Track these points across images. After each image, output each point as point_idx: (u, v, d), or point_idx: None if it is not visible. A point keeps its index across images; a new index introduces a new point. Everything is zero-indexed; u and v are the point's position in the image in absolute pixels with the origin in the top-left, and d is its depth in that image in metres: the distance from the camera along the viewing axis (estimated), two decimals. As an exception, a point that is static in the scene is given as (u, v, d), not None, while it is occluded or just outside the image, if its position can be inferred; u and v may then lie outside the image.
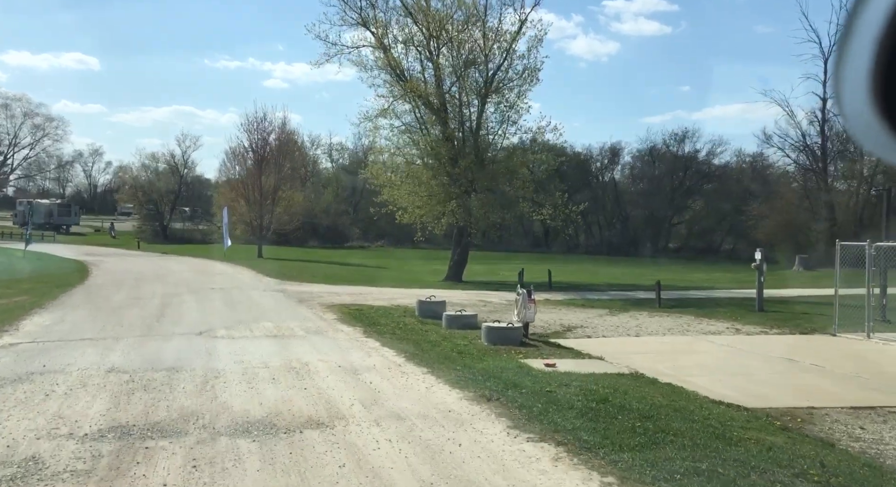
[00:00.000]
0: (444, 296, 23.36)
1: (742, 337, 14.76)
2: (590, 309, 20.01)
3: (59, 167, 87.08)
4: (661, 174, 65.02)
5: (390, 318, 16.23)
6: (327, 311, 17.58)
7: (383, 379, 9.26)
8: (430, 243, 68.51)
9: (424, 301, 17.24)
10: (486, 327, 13.02)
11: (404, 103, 29.85)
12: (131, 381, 8.85)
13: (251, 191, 45.06)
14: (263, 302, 19.85)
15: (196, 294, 21.44)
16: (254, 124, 44.88)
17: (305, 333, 13.60)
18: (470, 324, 14.95)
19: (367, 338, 13.00)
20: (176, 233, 64.59)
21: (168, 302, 18.73)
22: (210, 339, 12.54)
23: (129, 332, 13.11)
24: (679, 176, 63.55)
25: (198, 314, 16.47)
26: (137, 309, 16.89)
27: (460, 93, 29.01)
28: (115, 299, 19.28)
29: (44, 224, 65.11)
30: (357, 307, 18.53)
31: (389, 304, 19.96)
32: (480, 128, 29.51)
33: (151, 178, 67.51)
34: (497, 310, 19.19)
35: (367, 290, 24.56)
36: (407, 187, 29.92)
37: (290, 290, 23.58)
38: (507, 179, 29.55)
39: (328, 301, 20.45)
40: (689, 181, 63.89)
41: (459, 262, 29.53)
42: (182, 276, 28.59)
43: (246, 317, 15.85)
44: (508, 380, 9.22)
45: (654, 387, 9.50)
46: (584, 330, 15.62)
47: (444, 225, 30.20)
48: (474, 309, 19.01)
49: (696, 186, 63.99)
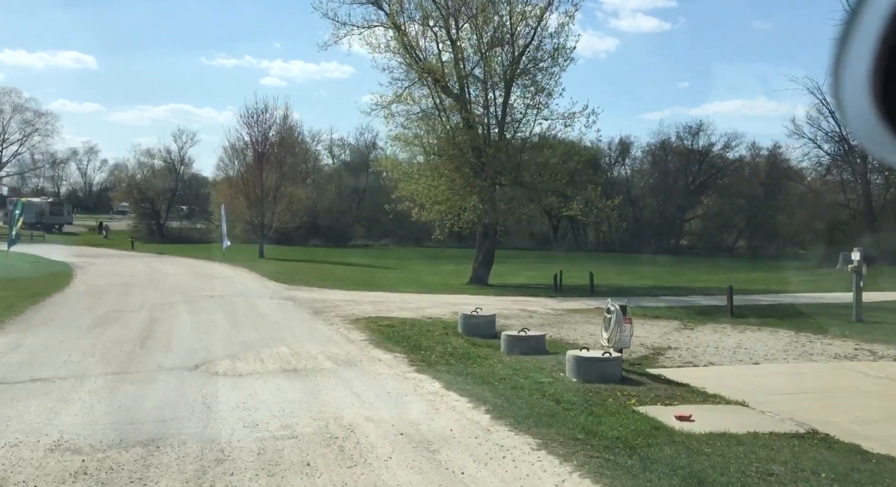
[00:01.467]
0: (477, 304, 20.01)
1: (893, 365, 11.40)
2: (658, 320, 16.61)
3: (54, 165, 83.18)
4: (674, 169, 61.62)
5: (432, 338, 12.81)
6: (352, 327, 14.15)
7: (478, 464, 5.83)
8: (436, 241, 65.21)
9: (470, 315, 13.83)
10: (575, 358, 9.59)
11: (422, 87, 26.41)
12: (83, 473, 5.43)
13: (251, 188, 41.50)
14: (272, 314, 16.40)
15: (192, 303, 17.98)
16: (254, 117, 41.33)
17: (334, 364, 10.16)
18: (538, 348, 11.56)
19: (418, 375, 9.54)
20: (173, 233, 60.94)
21: (158, 317, 15.26)
22: (208, 378, 9.09)
23: (101, 366, 9.65)
24: (693, 170, 60.15)
25: (193, 333, 13.02)
26: (119, 328, 13.41)
27: (486, 76, 25.55)
28: (95, 313, 15.80)
29: (35, 223, 61.41)
30: (385, 321, 15.10)
31: (420, 316, 16.56)
32: (507, 115, 26.06)
33: (147, 176, 63.84)
34: (550, 324, 15.80)
35: (387, 297, 21.13)
36: (425, 181, 26.48)
37: (300, 297, 20.14)
38: (537, 170, 26.13)
39: (348, 311, 17.03)
40: (703, 176, 60.52)
41: (485, 264, 26.09)
42: (177, 281, 25.10)
43: (254, 338, 12.40)
44: (669, 462, 5.83)
45: (879, 464, 6.15)
46: (678, 352, 12.24)
47: (465, 222, 26.77)
48: (519, 321, 15.66)
49: (710, 181, 60.62)
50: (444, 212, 26.44)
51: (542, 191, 26.52)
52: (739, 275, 31.28)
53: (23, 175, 72.87)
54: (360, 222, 63.26)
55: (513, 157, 26.07)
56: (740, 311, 17.84)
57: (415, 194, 26.01)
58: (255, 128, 41.48)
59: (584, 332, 14.56)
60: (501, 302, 20.37)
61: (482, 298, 21.43)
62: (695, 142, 60.84)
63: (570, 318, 17.07)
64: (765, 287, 26.17)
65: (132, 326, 13.66)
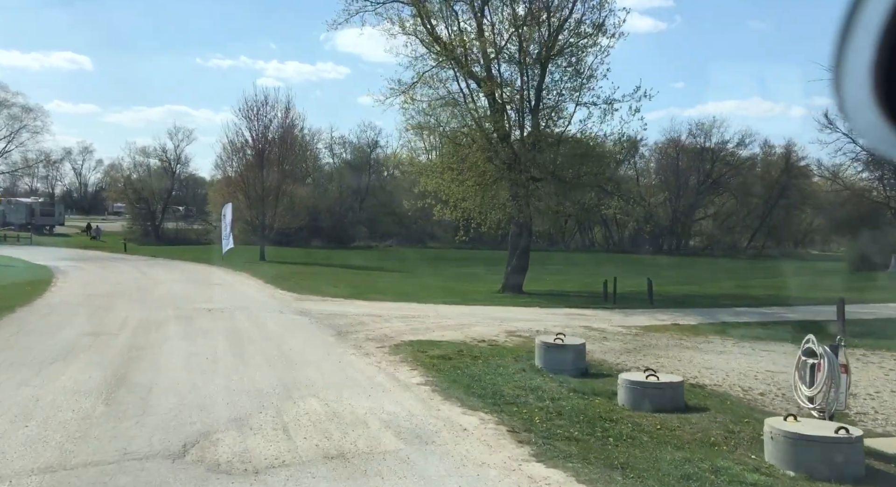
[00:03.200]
0: (522, 317, 16.34)
1: None
2: (769, 345, 12.94)
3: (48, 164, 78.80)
4: (684, 167, 57.99)
5: (512, 381, 9.07)
6: (396, 359, 10.40)
7: None
8: (442, 241, 61.33)
9: (553, 344, 10.11)
10: (786, 436, 5.86)
11: (446, 68, 22.67)
12: None
13: (251, 187, 37.58)
14: (286, 337, 12.62)
15: (186, 321, 14.20)
16: (254, 110, 37.39)
17: (399, 441, 6.38)
18: (675, 403, 7.86)
19: (542, 469, 5.75)
20: (169, 234, 56.86)
21: (141, 344, 11.47)
22: (204, 482, 5.33)
23: (28, 455, 5.86)
24: (705, 168, 56.53)
25: (185, 373, 9.23)
26: (84, 364, 9.62)
27: (521, 56, 21.82)
28: (61, 337, 11.98)
29: (25, 224, 57.29)
30: (433, 348, 11.35)
31: (469, 338, 12.86)
32: (542, 99, 22.31)
33: (142, 175, 59.75)
34: (637, 350, 12.15)
35: (416, 310, 17.40)
36: (450, 174, 22.75)
37: (314, 311, 16.38)
38: (577, 162, 22.46)
39: (378, 332, 13.31)
40: (715, 174, 56.88)
41: (519, 269, 22.31)
42: (170, 290, 21.28)
43: (269, 384, 8.62)
44: None
45: None
46: (869, 404, 8.58)
47: (492, 221, 23.07)
48: (595, 345, 12.09)
49: (723, 180, 57.01)
50: (472, 210, 22.74)
51: (582, 186, 22.85)
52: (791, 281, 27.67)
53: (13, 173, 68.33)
54: (363, 222, 59.38)
55: (549, 148, 22.38)
56: (856, 329, 14.18)
57: (440, 189, 22.24)
58: (256, 122, 37.59)
59: (699, 365, 10.89)
60: (554, 316, 16.66)
61: (528, 311, 17.76)
62: (707, 140, 57.28)
63: (654, 341, 13.38)
64: (830, 294, 22.46)
65: (103, 361, 9.86)
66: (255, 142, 37.74)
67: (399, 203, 62.17)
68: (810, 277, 30.05)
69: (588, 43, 21.59)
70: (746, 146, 57.08)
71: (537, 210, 22.04)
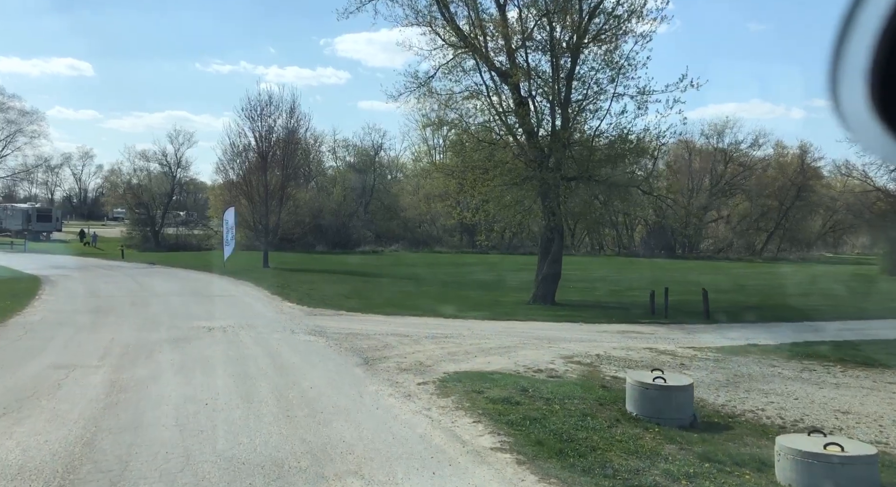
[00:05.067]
0: (570, 337, 13.91)
1: None
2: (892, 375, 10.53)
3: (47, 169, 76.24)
4: (697, 168, 55.63)
5: (610, 439, 6.65)
6: (450, 406, 7.93)
7: None
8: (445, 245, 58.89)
9: (651, 387, 7.67)
10: None
11: (467, 59, 20.29)
12: None
13: (255, 189, 35.04)
14: (304, 369, 10.14)
15: (182, 347, 11.75)
16: (257, 110, 34.85)
17: None
18: (871, 483, 5.46)
19: None
20: (169, 240, 54.30)
21: (123, 382, 9.01)
22: None
23: None
24: (720, 169, 54.16)
25: (176, 436, 6.75)
26: (40, 422, 7.16)
27: (552, 42, 19.42)
28: (26, 372, 9.51)
29: (22, 230, 54.76)
30: (492, 387, 8.89)
31: (523, 368, 10.45)
32: (572, 91, 19.88)
33: (142, 180, 57.19)
34: (733, 383, 9.77)
35: (444, 326, 14.96)
36: (473, 174, 20.37)
37: (331, 330, 13.94)
38: (613, 161, 20.06)
39: (412, 359, 10.90)
40: (729, 175, 54.53)
41: (550, 278, 19.84)
42: (166, 303, 18.82)
43: (290, 450, 6.17)
44: None
45: None
46: None
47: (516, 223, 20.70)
48: (669, 373, 9.59)
49: (737, 181, 54.65)
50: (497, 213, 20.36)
51: (618, 186, 20.44)
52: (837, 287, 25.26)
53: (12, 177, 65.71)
54: (369, 227, 56.86)
55: (583, 144, 19.99)
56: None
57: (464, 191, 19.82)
58: (259, 123, 35.03)
59: (825, 406, 8.49)
60: (606, 335, 14.22)
61: (572, 329, 15.33)
62: (720, 141, 54.95)
63: (744, 368, 10.93)
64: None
65: (70, 413, 7.40)
66: (259, 143, 35.22)
67: (404, 206, 59.99)
68: (860, 283, 27.60)
69: (627, 28, 19.20)
70: (760, 147, 54.84)
71: (571, 212, 19.65)
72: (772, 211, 53.99)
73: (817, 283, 27.04)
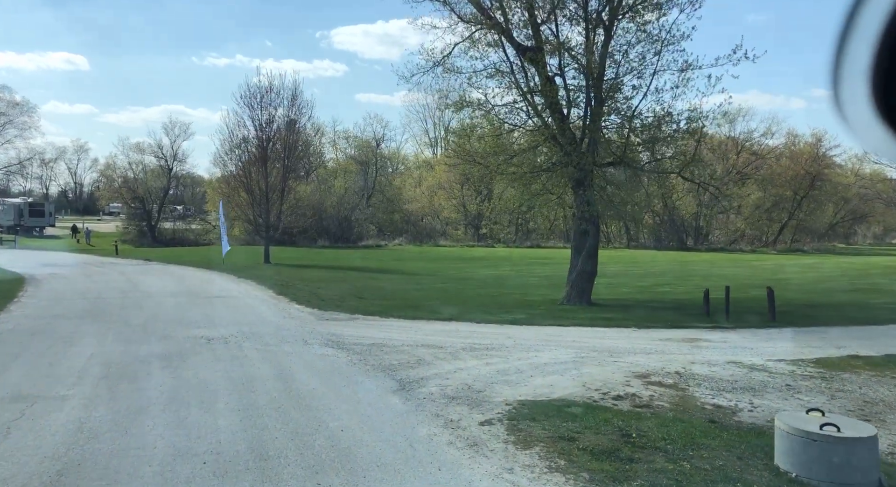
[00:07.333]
0: (630, 347, 11.74)
1: None
2: None
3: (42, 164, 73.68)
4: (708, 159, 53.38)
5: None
6: (538, 463, 5.70)
7: None
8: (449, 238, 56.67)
9: (818, 438, 5.47)
10: None
11: (487, 34, 18.00)
12: None
13: (255, 182, 32.70)
14: (329, 402, 7.90)
15: (176, 366, 9.53)
16: (256, 97, 32.46)
17: None
18: None
19: None
20: (165, 234, 52.02)
21: (93, 428, 6.79)
22: None
23: None
24: (732, 158, 51.94)
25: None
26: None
27: (586, 12, 17.15)
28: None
29: (15, 226, 52.40)
30: (581, 429, 6.72)
31: (599, 395, 8.33)
32: (606, 68, 17.60)
33: (137, 174, 54.78)
34: (870, 415, 7.58)
35: (481, 334, 12.75)
36: (495, 160, 18.15)
37: (350, 340, 11.74)
38: (653, 144, 17.86)
39: (457, 381, 8.71)
40: (741, 165, 52.34)
41: (586, 275, 17.60)
42: (159, 306, 16.57)
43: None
44: None
45: None
46: None
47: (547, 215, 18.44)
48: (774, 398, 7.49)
49: (749, 171, 52.47)
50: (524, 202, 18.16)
51: (659, 173, 18.25)
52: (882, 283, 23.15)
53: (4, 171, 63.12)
54: (371, 220, 54.53)
55: (620, 126, 17.78)
56: None
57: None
58: (259, 111, 32.65)
59: None
60: (671, 345, 12.01)
61: (626, 335, 13.15)
62: (731, 130, 52.75)
63: (867, 390, 8.74)
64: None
65: (13, 478, 5.20)
66: (259, 132, 32.85)
67: (407, 199, 57.68)
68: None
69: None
70: (773, 135, 52.68)
71: (609, 202, 17.45)
72: (784, 201, 51.87)
73: (863, 277, 24.91)
